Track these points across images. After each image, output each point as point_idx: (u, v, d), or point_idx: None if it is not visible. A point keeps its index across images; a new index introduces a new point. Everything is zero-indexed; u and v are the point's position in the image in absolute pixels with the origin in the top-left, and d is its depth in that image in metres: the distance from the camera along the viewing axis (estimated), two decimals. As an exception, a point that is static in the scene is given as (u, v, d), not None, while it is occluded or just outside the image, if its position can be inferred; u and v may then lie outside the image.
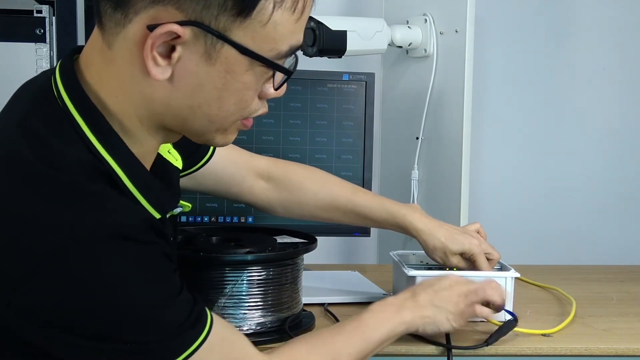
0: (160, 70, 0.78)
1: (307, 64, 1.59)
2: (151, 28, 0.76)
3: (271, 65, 0.81)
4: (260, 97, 0.86)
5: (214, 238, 1.23)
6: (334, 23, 1.52)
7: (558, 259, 1.86)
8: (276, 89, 0.86)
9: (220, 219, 1.54)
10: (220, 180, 1.24)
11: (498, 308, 1.14)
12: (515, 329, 1.18)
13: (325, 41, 1.50)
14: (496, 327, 1.16)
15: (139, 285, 0.77)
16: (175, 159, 1.06)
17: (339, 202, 1.28)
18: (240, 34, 0.78)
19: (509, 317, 1.17)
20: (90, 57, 0.83)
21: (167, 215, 0.92)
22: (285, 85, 0.87)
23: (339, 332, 1.01)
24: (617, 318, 1.32)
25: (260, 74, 0.82)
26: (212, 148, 1.21)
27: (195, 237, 1.23)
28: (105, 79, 0.82)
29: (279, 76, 0.85)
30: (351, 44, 1.55)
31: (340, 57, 1.57)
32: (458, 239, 1.24)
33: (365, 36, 1.59)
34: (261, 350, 0.92)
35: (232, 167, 1.25)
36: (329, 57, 1.58)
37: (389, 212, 1.27)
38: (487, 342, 1.13)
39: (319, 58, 1.55)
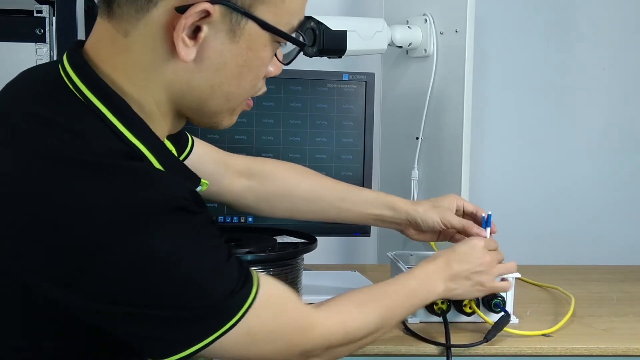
0: (188, 52, 0.80)
1: (307, 64, 1.60)
2: (181, 10, 0.77)
3: (290, 39, 0.85)
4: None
5: (214, 238, 1.23)
6: (334, 23, 1.52)
7: (558, 259, 1.87)
8: (287, 64, 0.90)
9: (220, 219, 1.54)
10: None
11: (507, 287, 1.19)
12: (516, 330, 1.19)
13: (325, 41, 1.50)
14: (491, 326, 1.16)
15: (196, 253, 0.78)
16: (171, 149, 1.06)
17: (322, 190, 1.28)
18: (264, 9, 0.81)
19: (502, 314, 1.18)
20: (99, 49, 0.83)
21: None
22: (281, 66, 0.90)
23: (386, 294, 1.04)
24: (616, 318, 1.32)
25: (273, 50, 0.86)
26: (190, 142, 1.20)
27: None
28: (120, 68, 0.82)
29: (280, 54, 0.88)
30: (351, 44, 1.55)
31: (340, 57, 1.57)
32: (442, 199, 1.29)
33: (365, 36, 1.59)
34: None
35: (210, 164, 1.24)
36: (329, 57, 1.58)
37: (375, 193, 1.29)
38: (486, 338, 1.14)
39: (319, 58, 1.55)
